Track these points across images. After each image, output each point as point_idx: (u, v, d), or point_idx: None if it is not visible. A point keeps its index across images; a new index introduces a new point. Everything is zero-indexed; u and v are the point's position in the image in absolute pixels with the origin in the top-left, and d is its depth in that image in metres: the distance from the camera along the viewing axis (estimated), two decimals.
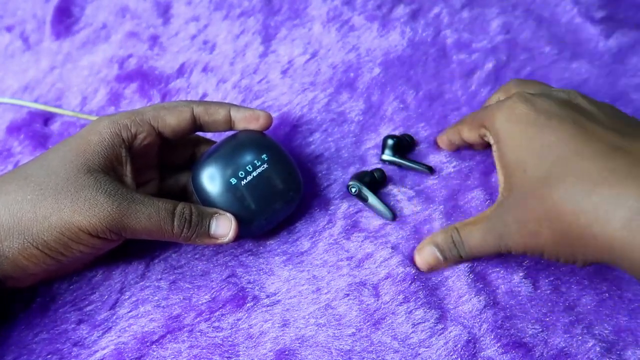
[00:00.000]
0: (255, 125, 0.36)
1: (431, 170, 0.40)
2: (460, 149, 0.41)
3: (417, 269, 0.35)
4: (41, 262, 0.30)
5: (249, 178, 0.34)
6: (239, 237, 0.34)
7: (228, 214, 0.33)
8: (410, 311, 0.33)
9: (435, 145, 0.41)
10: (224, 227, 0.33)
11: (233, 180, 0.33)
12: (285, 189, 0.35)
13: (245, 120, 0.35)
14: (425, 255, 0.34)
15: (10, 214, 0.29)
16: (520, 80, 0.37)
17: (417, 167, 0.39)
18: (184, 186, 0.38)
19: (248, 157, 0.34)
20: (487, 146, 0.40)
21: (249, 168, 0.34)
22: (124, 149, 0.32)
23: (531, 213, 0.29)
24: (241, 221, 0.33)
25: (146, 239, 0.32)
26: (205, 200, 0.34)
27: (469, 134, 0.36)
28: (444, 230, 0.34)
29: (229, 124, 0.36)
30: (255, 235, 0.37)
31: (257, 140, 0.35)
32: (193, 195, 0.36)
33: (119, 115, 0.33)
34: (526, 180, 0.30)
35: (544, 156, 0.29)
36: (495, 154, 0.33)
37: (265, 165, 0.34)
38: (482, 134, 0.35)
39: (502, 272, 0.35)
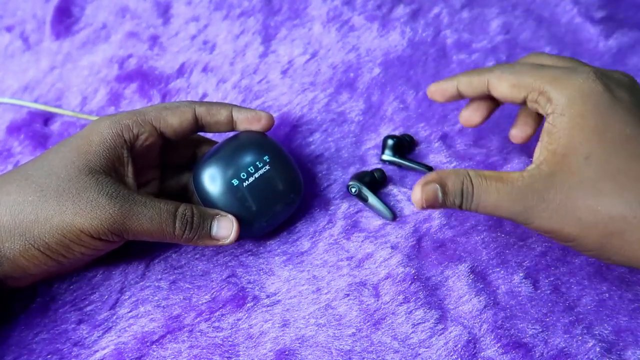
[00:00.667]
0: (257, 126, 0.36)
1: (431, 170, 0.40)
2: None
3: (411, 202, 0.31)
4: (42, 263, 0.30)
5: (250, 179, 0.34)
6: (240, 238, 0.34)
7: (229, 215, 0.33)
8: (410, 311, 0.33)
9: (427, 95, 0.37)
10: (225, 228, 0.33)
11: (235, 182, 0.33)
12: (286, 191, 0.35)
13: (247, 121, 0.35)
14: (427, 193, 0.30)
15: (12, 215, 0.29)
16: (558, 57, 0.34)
17: (417, 167, 0.39)
18: (184, 186, 0.38)
19: (250, 159, 0.34)
20: (490, 111, 0.37)
21: (251, 169, 0.34)
22: (125, 149, 0.32)
23: (581, 201, 0.27)
24: (242, 222, 0.33)
25: (148, 240, 0.32)
26: (206, 200, 0.34)
27: (508, 92, 0.32)
28: (455, 172, 0.31)
29: (231, 125, 0.36)
30: (256, 236, 0.37)
31: (259, 142, 0.35)
32: (194, 195, 0.36)
33: (121, 116, 0.33)
34: (585, 167, 0.28)
35: (615, 150, 0.27)
36: (549, 125, 0.30)
37: (267, 167, 0.34)
38: (532, 99, 0.31)
39: (502, 272, 0.35)
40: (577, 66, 0.30)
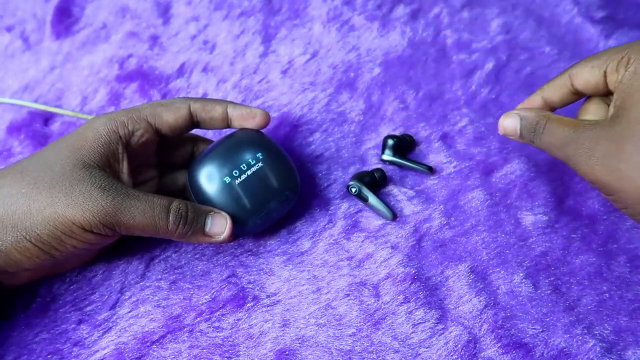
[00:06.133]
0: (251, 123, 0.36)
1: (431, 170, 0.40)
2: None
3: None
4: (34, 256, 0.30)
5: (243, 177, 0.34)
6: (235, 236, 0.34)
7: (223, 213, 0.33)
8: (411, 311, 0.33)
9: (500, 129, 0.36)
10: (219, 225, 0.33)
11: (227, 179, 0.33)
12: (281, 189, 0.35)
13: (242, 118, 0.35)
14: (508, 122, 0.34)
15: (4, 206, 0.29)
16: None
17: (417, 167, 0.39)
18: (183, 185, 0.38)
19: (243, 156, 0.34)
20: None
21: (244, 167, 0.34)
22: (120, 145, 0.32)
23: (628, 155, 0.28)
24: (236, 220, 0.33)
25: (141, 235, 0.32)
26: (200, 198, 0.34)
27: (589, 74, 0.33)
28: (537, 111, 0.34)
29: (226, 122, 0.36)
30: (251, 234, 0.37)
31: (253, 139, 0.35)
32: (191, 195, 0.36)
33: (116, 113, 0.33)
34: None
35: None
36: (622, 83, 0.31)
37: (260, 164, 0.34)
38: (612, 69, 0.32)
39: (502, 272, 0.35)
40: None
